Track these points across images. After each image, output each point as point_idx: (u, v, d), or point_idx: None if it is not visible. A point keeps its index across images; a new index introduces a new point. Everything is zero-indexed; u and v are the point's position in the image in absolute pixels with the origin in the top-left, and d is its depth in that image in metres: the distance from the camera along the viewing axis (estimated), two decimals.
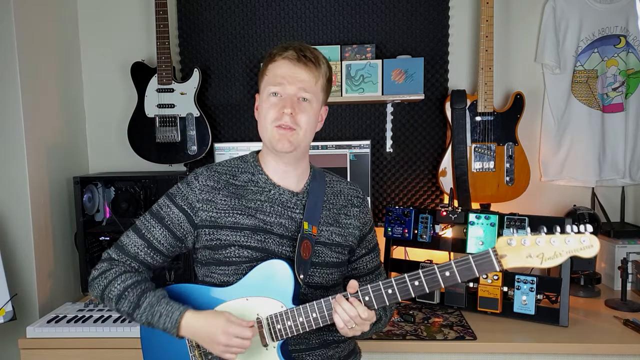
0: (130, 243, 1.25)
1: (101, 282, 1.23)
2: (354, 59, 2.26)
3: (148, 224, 1.26)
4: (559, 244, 1.00)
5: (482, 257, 1.06)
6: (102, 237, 2.19)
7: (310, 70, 1.22)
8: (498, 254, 1.04)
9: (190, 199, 1.24)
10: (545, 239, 1.01)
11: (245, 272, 1.21)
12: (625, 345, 1.66)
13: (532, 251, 1.02)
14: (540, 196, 2.38)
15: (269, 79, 1.23)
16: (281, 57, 1.21)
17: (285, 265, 1.18)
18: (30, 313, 1.97)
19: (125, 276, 1.22)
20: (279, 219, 1.24)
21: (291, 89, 1.20)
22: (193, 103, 2.26)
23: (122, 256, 1.25)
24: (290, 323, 1.16)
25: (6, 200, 1.95)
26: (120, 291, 1.20)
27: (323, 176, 1.35)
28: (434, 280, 1.10)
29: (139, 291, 1.20)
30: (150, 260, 1.26)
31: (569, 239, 1.00)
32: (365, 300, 1.13)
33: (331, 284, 1.29)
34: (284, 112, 1.19)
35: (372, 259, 1.40)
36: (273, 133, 1.21)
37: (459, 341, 1.68)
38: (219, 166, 1.30)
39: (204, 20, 2.37)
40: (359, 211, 1.35)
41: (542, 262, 1.02)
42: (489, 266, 1.05)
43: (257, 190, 1.26)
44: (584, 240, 0.99)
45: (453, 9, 2.34)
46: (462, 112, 2.23)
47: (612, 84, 2.30)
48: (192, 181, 1.26)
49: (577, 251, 1.00)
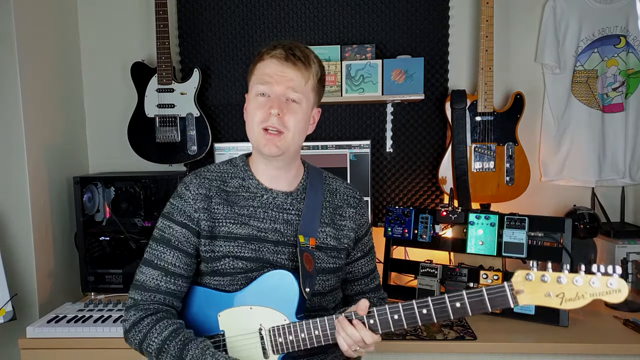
0: (147, 279, 1.19)
1: (137, 336, 1.16)
2: (354, 59, 2.26)
3: (157, 252, 1.20)
4: (583, 285, 0.93)
5: (497, 292, 1.00)
6: (102, 237, 2.19)
7: (300, 69, 1.17)
8: (514, 289, 0.98)
9: (187, 211, 1.20)
10: (568, 277, 0.93)
11: (241, 282, 1.19)
12: (625, 345, 1.66)
13: (552, 290, 0.94)
14: (540, 196, 2.38)
15: (256, 78, 1.19)
16: (269, 56, 1.17)
17: (291, 278, 1.16)
18: (30, 313, 1.97)
19: (160, 326, 1.14)
20: (273, 225, 1.21)
21: (279, 88, 1.15)
22: (193, 103, 2.26)
23: (145, 294, 1.18)
24: (292, 338, 1.14)
25: (6, 200, 1.95)
26: (160, 345, 1.13)
27: (320, 174, 1.32)
28: (444, 310, 1.04)
29: (180, 344, 1.12)
30: (173, 287, 1.19)
31: (594, 280, 0.92)
32: (369, 323, 1.10)
33: (328, 289, 1.26)
34: (271, 112, 1.14)
35: (367, 262, 1.38)
36: (260, 136, 1.17)
37: (459, 341, 1.68)
38: (207, 172, 1.26)
39: (204, 20, 2.37)
40: (354, 212, 1.31)
41: (562, 303, 0.94)
42: (503, 301, 0.99)
43: (248, 196, 1.22)
44: (611, 284, 0.91)
45: (453, 9, 2.34)
46: (462, 112, 2.23)
47: (612, 84, 2.30)
48: (184, 192, 1.22)
49: (602, 295, 0.92)
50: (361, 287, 1.38)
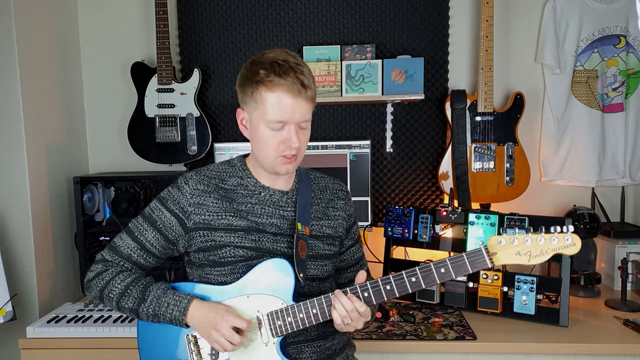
0: (123, 245, 1.28)
1: (99, 283, 1.26)
2: (354, 59, 2.26)
3: (141, 227, 1.28)
4: (545, 243, 1.09)
5: (475, 255, 1.12)
6: (102, 237, 2.18)
7: (308, 99, 1.19)
8: (490, 251, 1.11)
9: (181, 203, 1.25)
10: (532, 238, 1.09)
11: (242, 271, 1.22)
12: (625, 345, 1.66)
13: (521, 249, 1.10)
14: (540, 196, 2.38)
15: (268, 110, 1.17)
16: (280, 89, 1.16)
17: (286, 264, 1.20)
18: (30, 313, 1.97)
19: (123, 275, 1.25)
20: (270, 219, 1.26)
21: (294, 120, 1.19)
22: (193, 103, 2.26)
23: (116, 257, 1.28)
24: (291, 319, 1.19)
25: (6, 200, 1.95)
26: (122, 289, 1.23)
27: (307, 174, 1.38)
28: (430, 276, 1.15)
29: (142, 286, 1.23)
30: (143, 262, 1.28)
31: (554, 237, 1.08)
32: (364, 296, 1.17)
33: (325, 275, 1.32)
34: (292, 146, 1.19)
35: (357, 250, 1.46)
36: (277, 162, 1.22)
37: (459, 341, 1.68)
38: (207, 170, 1.31)
39: (204, 20, 2.37)
40: (344, 204, 1.39)
41: (530, 259, 1.10)
42: (481, 263, 1.12)
43: (246, 193, 1.27)
44: (567, 239, 1.08)
45: (453, 9, 2.34)
46: (462, 112, 2.23)
47: (612, 84, 2.30)
48: (183, 185, 1.27)
49: (561, 249, 1.08)
50: (353, 274, 1.42)
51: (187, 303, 1.19)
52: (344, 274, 1.44)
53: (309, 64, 1.25)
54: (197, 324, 1.20)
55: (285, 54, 1.20)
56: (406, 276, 1.16)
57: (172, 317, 1.20)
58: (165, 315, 1.20)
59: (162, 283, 1.26)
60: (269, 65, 1.17)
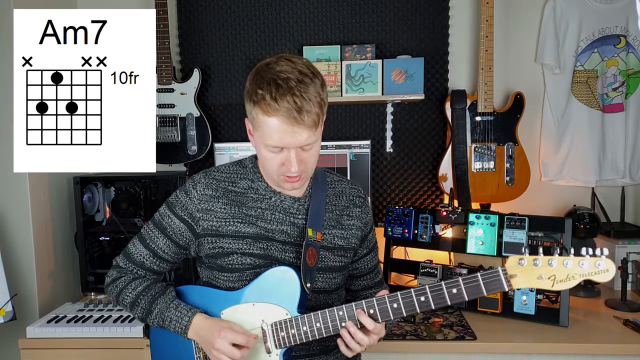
0: (136, 252, 1.28)
1: (114, 290, 1.28)
2: (354, 59, 2.26)
3: (152, 233, 1.27)
4: (572, 267, 0.98)
5: (491, 276, 1.03)
6: (102, 237, 2.19)
7: (307, 125, 1.07)
8: (508, 273, 1.02)
9: (190, 209, 1.23)
10: (558, 260, 0.98)
11: (249, 278, 1.20)
12: (625, 345, 1.66)
13: (544, 272, 0.99)
14: (540, 196, 2.38)
15: (265, 134, 1.10)
16: (276, 114, 1.06)
17: (292, 273, 1.17)
18: (30, 313, 1.97)
19: (135, 283, 1.27)
20: (280, 226, 1.22)
21: (293, 146, 1.10)
22: (193, 103, 2.26)
23: (129, 265, 1.29)
24: (294, 331, 1.16)
25: (6, 200, 1.95)
26: (133, 299, 1.25)
27: (324, 177, 1.33)
28: (441, 296, 1.07)
29: (150, 297, 1.24)
30: (157, 268, 1.29)
31: (583, 261, 0.97)
32: (369, 313, 1.12)
33: (334, 287, 1.28)
34: (291, 169, 1.12)
35: (372, 258, 1.40)
36: (280, 179, 1.18)
37: (459, 341, 1.68)
38: (217, 172, 1.27)
39: (204, 20, 2.37)
40: (360, 211, 1.32)
41: (554, 285, 0.99)
42: (498, 285, 1.03)
43: (257, 197, 1.24)
44: (599, 264, 0.96)
45: (453, 9, 2.34)
46: (462, 112, 2.23)
47: (612, 84, 2.30)
48: (191, 190, 1.23)
49: (591, 275, 0.97)
50: (367, 282, 1.39)
51: (188, 321, 1.19)
52: (356, 282, 1.39)
53: None
54: (199, 340, 1.20)
55: (291, 67, 1.08)
56: (415, 295, 1.09)
57: (175, 332, 1.21)
58: (169, 329, 1.22)
59: (169, 292, 1.26)
60: (267, 84, 1.06)
